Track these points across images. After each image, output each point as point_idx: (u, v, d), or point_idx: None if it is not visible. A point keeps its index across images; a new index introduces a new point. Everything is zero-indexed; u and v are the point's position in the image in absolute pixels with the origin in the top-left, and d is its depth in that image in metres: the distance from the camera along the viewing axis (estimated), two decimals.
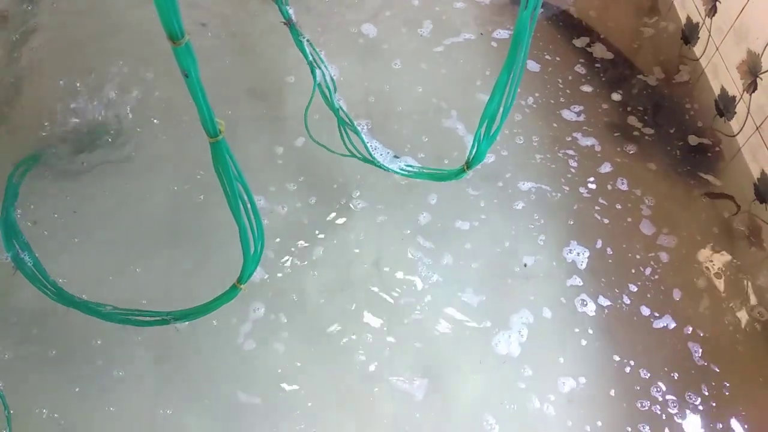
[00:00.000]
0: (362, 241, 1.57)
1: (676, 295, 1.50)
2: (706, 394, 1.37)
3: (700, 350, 1.42)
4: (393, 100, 1.85)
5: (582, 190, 1.67)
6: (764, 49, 1.60)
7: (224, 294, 1.35)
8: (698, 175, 1.71)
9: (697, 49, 1.95)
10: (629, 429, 1.32)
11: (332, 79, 1.58)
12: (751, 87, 1.66)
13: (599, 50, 1.98)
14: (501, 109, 1.11)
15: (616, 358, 1.41)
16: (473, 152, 1.25)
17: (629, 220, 1.62)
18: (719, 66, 1.82)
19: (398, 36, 2.02)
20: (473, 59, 1.96)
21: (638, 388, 1.37)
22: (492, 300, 1.48)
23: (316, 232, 1.59)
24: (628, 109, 1.84)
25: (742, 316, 1.47)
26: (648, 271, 1.53)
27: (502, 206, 1.63)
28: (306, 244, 1.57)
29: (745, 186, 1.67)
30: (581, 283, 1.51)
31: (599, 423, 1.33)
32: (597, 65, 1.95)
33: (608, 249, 1.57)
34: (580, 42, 2.00)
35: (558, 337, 1.44)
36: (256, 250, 1.26)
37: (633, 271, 1.53)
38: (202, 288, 1.44)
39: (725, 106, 1.80)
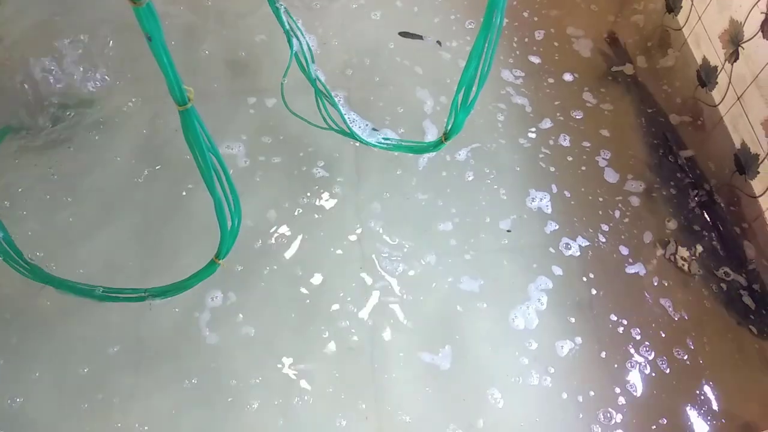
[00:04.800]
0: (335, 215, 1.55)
1: (647, 238, 1.54)
2: (692, 348, 1.40)
3: (671, 304, 1.46)
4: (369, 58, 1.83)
5: (522, 141, 1.68)
6: (746, 18, 1.58)
7: (202, 270, 1.33)
8: (665, 138, 1.72)
9: (680, 18, 1.93)
10: (618, 390, 1.35)
11: (309, 49, 1.54)
12: (733, 56, 1.65)
13: (583, 44, 1.92)
14: (477, 78, 1.09)
15: (613, 317, 1.43)
16: (450, 122, 1.23)
17: (583, 168, 1.65)
18: (701, 36, 1.81)
19: None
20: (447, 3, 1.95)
21: (630, 348, 1.40)
22: (495, 279, 1.48)
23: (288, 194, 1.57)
24: (585, 88, 1.81)
25: (708, 274, 1.50)
26: (617, 213, 1.57)
27: (458, 187, 1.61)
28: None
29: (726, 157, 1.67)
30: (557, 227, 1.54)
31: (591, 393, 1.35)
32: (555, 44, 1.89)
33: (565, 192, 1.60)
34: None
35: (567, 293, 1.46)
36: (233, 225, 1.24)
37: (600, 212, 1.57)
38: (179, 260, 1.43)
39: (707, 76, 1.79)
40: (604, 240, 1.53)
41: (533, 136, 1.69)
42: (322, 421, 1.30)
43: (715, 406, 1.34)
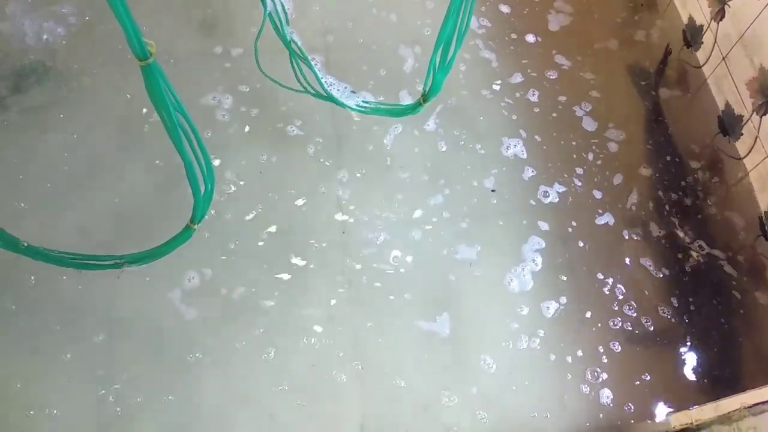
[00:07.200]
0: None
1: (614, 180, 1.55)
2: (676, 306, 1.40)
3: (652, 263, 1.46)
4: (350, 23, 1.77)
5: (485, 92, 1.66)
6: None
7: (178, 236, 1.30)
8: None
9: None
10: (602, 349, 1.36)
11: (284, 10, 1.49)
12: (719, 15, 1.62)
13: (559, 19, 1.85)
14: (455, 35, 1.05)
15: (600, 276, 1.43)
16: (429, 83, 1.19)
17: (554, 115, 1.63)
18: None
19: None
20: None
21: (615, 307, 1.40)
22: (490, 243, 1.46)
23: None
24: (553, 51, 1.76)
25: (684, 248, 1.49)
26: (591, 156, 1.57)
27: (435, 162, 1.57)
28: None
29: (710, 120, 1.65)
30: (535, 172, 1.54)
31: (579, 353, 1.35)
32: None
33: (536, 137, 1.59)
34: None
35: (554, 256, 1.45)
36: (206, 189, 1.21)
37: (575, 156, 1.57)
38: (156, 227, 1.40)
39: (692, 36, 1.75)
40: (579, 184, 1.53)
41: (497, 88, 1.67)
42: (321, 376, 1.32)
43: (697, 364, 1.35)
